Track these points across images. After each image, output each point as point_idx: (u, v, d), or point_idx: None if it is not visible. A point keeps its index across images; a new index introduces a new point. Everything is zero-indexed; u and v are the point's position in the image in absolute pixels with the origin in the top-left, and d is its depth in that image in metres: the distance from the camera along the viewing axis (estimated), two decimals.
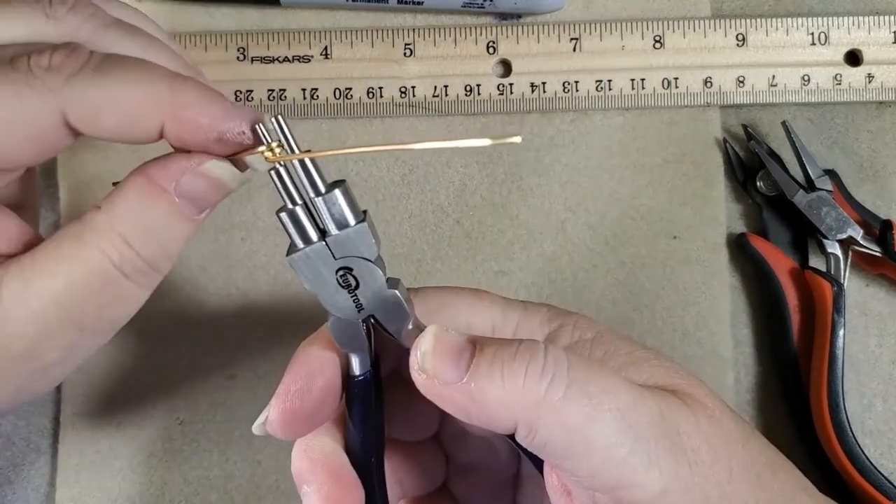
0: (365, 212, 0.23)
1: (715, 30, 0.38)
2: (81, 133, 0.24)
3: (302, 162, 0.23)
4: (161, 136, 0.24)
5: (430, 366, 0.22)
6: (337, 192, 0.23)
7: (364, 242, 0.23)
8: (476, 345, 0.22)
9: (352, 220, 0.23)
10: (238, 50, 0.37)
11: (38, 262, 0.23)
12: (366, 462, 0.25)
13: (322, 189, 0.23)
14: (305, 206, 0.23)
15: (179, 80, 0.23)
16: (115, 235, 0.23)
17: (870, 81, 0.37)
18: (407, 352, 0.23)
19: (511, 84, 0.37)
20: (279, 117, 0.23)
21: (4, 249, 0.24)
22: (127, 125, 0.23)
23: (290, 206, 0.23)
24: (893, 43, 0.38)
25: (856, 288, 0.37)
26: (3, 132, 0.23)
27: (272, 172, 0.23)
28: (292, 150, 0.23)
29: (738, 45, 0.38)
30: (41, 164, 0.26)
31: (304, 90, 0.37)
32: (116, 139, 0.24)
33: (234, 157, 0.24)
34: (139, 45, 0.26)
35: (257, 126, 0.23)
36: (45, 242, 0.24)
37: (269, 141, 0.23)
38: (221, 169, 0.24)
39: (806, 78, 0.37)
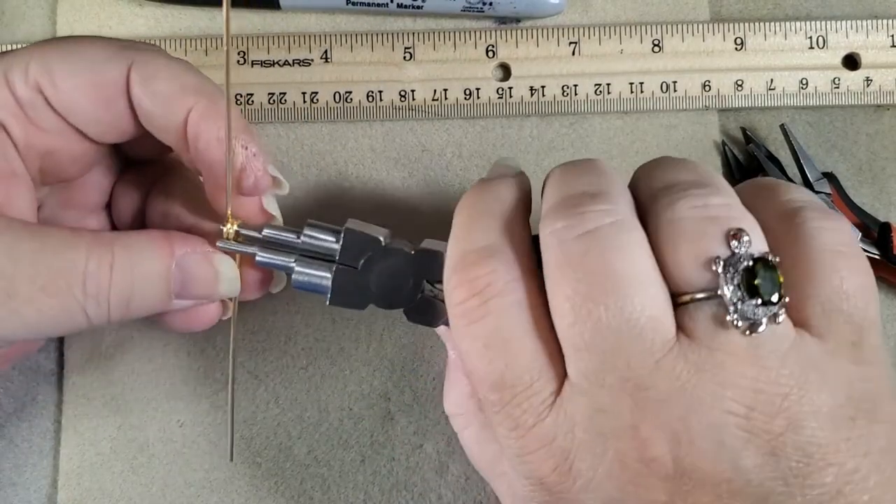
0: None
1: (713, 33, 0.38)
2: (136, 101, 0.26)
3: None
4: (184, 129, 0.27)
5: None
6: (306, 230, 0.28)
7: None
8: None
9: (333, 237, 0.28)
10: (238, 53, 0.37)
11: (28, 226, 0.25)
12: None
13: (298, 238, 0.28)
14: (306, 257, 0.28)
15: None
16: (107, 252, 0.25)
17: (868, 85, 0.38)
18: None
19: (510, 88, 0.37)
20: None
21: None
22: (175, 94, 0.26)
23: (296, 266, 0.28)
24: (891, 47, 0.38)
25: None
26: (82, 70, 0.26)
27: (259, 259, 0.28)
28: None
29: (736, 48, 0.38)
30: (104, 135, 0.28)
31: (304, 94, 0.37)
32: (156, 117, 0.27)
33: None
34: None
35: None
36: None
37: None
38: (225, 266, 0.28)
39: (804, 81, 0.38)
